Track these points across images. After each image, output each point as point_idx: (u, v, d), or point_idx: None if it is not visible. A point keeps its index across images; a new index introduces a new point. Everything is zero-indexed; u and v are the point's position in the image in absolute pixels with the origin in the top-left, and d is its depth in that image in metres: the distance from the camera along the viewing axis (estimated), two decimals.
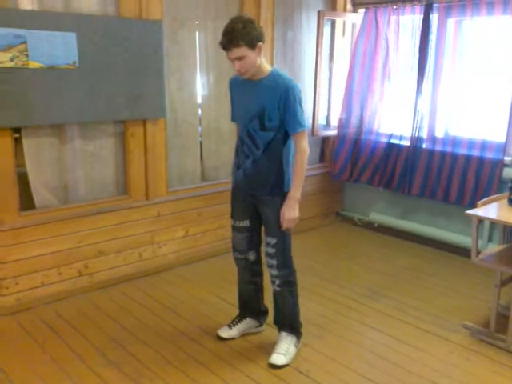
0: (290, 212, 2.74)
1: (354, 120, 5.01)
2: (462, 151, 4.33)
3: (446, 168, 4.42)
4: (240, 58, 2.57)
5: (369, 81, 4.86)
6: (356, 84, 4.93)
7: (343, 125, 5.04)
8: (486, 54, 4.21)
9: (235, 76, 2.90)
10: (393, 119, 4.80)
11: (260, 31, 2.60)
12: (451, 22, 4.32)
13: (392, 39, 4.66)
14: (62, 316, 3.38)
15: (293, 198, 2.74)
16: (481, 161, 4.23)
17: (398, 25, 4.59)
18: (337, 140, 5.11)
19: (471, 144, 4.29)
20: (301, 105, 2.70)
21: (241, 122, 2.85)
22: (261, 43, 2.61)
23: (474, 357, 3.00)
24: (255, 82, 2.72)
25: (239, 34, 2.51)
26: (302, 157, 2.73)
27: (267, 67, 2.73)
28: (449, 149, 4.40)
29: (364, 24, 4.81)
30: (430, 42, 4.40)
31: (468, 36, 4.32)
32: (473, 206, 3.99)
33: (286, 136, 2.75)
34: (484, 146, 4.22)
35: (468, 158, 4.29)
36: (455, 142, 4.38)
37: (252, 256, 3.03)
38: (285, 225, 2.77)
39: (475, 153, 4.27)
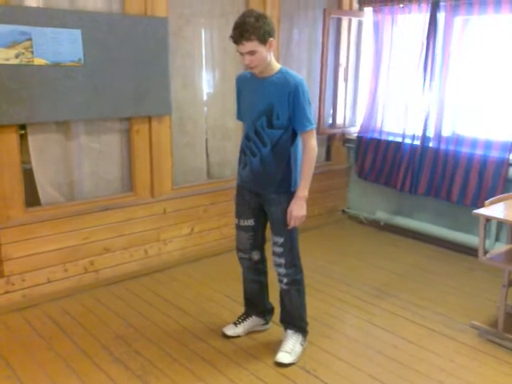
0: (298, 210, 2.72)
1: (368, 119, 5.00)
2: (468, 150, 4.30)
3: (450, 167, 4.39)
4: (251, 53, 2.53)
5: (376, 80, 4.84)
6: (370, 84, 4.92)
7: (365, 124, 5.04)
8: (492, 52, 4.17)
9: (242, 73, 2.89)
10: (399, 118, 4.77)
11: (272, 27, 2.57)
12: (458, 20, 4.28)
13: (398, 38, 4.62)
14: (68, 313, 3.38)
15: (301, 196, 2.72)
16: (485, 160, 4.19)
17: (404, 24, 4.55)
18: (361, 140, 5.09)
19: (476, 143, 4.26)
20: (310, 102, 2.68)
21: (248, 119, 2.82)
22: (272, 39, 2.57)
23: (482, 357, 2.98)
24: (264, 78, 2.69)
25: (251, 28, 2.47)
26: (310, 155, 2.70)
27: (276, 65, 2.70)
28: (455, 148, 4.37)
29: (374, 24, 4.79)
30: (437, 41, 4.37)
31: (475, 34, 4.28)
32: (476, 205, 3.98)
33: (294, 135, 2.73)
34: (489, 144, 4.19)
35: (472, 156, 4.26)
36: (461, 141, 4.35)
37: (256, 256, 3.01)
38: (292, 223, 2.75)
39: (480, 152, 4.23)
